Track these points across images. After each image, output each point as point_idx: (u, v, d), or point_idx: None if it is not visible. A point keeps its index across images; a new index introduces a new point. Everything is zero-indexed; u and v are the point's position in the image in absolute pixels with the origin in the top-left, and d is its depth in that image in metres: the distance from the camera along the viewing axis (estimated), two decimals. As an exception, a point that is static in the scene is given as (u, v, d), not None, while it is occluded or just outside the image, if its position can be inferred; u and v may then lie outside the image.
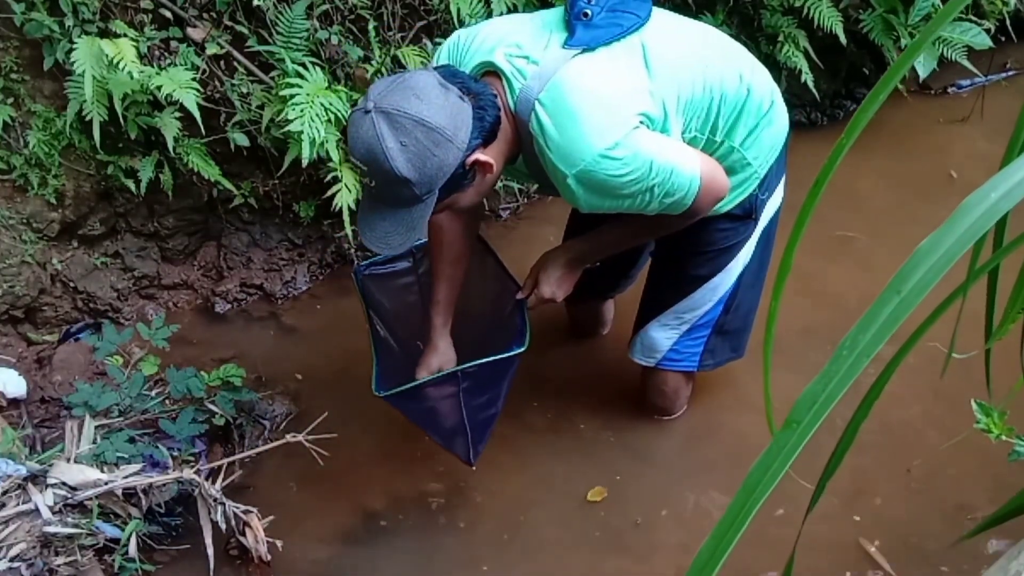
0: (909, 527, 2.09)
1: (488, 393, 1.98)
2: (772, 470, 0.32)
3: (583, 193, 1.65)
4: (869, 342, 0.34)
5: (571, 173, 1.62)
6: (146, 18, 2.42)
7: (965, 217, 0.38)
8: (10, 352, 2.56)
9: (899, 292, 0.35)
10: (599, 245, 1.99)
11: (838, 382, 0.33)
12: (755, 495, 0.31)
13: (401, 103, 1.51)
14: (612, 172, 1.61)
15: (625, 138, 1.60)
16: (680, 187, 1.68)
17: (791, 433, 0.33)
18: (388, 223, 1.60)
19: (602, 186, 1.64)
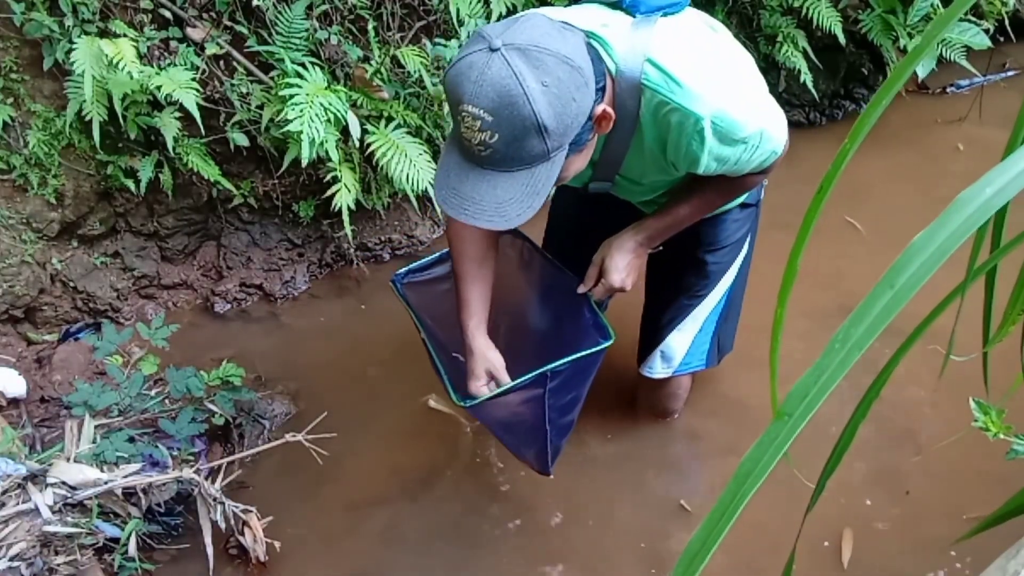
0: (907, 526, 2.09)
1: (571, 394, 1.81)
2: (763, 461, 0.32)
3: (713, 143, 1.47)
4: (862, 335, 0.34)
5: (707, 115, 1.43)
6: (146, 18, 2.42)
7: (959, 212, 0.38)
8: (10, 352, 2.56)
9: (892, 286, 0.35)
10: (671, 220, 1.77)
11: (830, 375, 0.33)
12: (746, 485, 0.32)
13: (537, 38, 1.28)
14: (740, 113, 1.46)
15: (740, 78, 1.54)
16: (779, 131, 1.57)
17: (783, 425, 0.33)
18: (503, 190, 1.33)
19: (731, 130, 1.46)
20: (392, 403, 2.54)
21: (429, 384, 2.57)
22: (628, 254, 1.78)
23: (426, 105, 2.83)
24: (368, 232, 3.09)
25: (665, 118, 1.47)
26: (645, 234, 1.79)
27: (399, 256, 3.14)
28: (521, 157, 1.31)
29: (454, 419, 2.48)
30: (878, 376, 0.70)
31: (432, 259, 1.98)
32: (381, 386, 2.61)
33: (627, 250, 1.78)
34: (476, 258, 1.83)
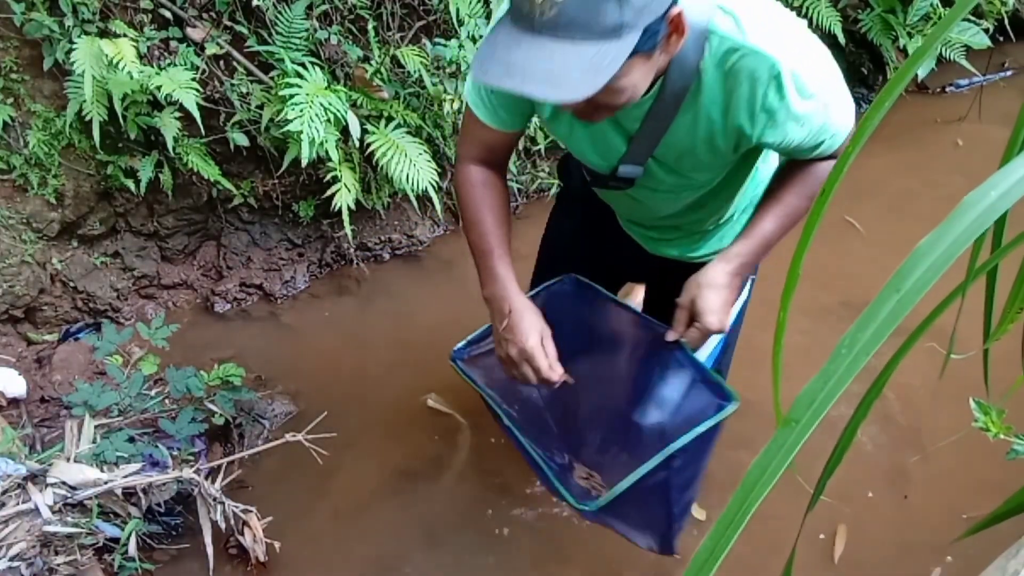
0: (907, 526, 2.10)
1: (692, 467, 1.54)
2: (771, 468, 0.32)
3: (794, 95, 1.29)
4: (868, 340, 0.34)
5: (785, 62, 1.25)
6: (146, 18, 2.42)
7: (964, 215, 0.39)
8: (10, 352, 2.56)
9: (898, 290, 0.35)
10: (760, 240, 1.51)
11: (837, 380, 0.33)
12: (754, 493, 0.32)
13: None
14: (817, 68, 1.31)
15: (812, 40, 1.36)
16: (850, 102, 1.42)
17: (790, 432, 0.33)
18: (561, 61, 1.13)
19: (809, 84, 1.29)
20: (392, 403, 2.54)
21: (428, 383, 2.57)
22: (723, 290, 1.50)
23: (426, 105, 2.83)
24: (368, 232, 3.09)
25: (735, 67, 1.27)
26: (737, 263, 1.51)
27: (399, 256, 3.14)
28: (590, 25, 1.11)
29: (453, 418, 2.48)
30: (879, 376, 0.70)
31: (488, 328, 1.63)
32: (381, 386, 2.61)
33: (720, 285, 1.50)
34: (495, 206, 1.59)
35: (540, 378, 1.47)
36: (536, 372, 1.47)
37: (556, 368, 1.47)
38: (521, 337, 1.47)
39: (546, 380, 1.46)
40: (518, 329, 1.47)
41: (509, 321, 1.48)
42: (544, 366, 1.46)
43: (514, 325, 1.47)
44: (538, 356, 1.46)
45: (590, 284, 1.67)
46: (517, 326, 1.47)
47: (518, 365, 1.47)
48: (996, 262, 0.65)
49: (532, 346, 1.45)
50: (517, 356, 1.48)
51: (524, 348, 1.46)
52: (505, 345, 1.50)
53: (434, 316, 2.88)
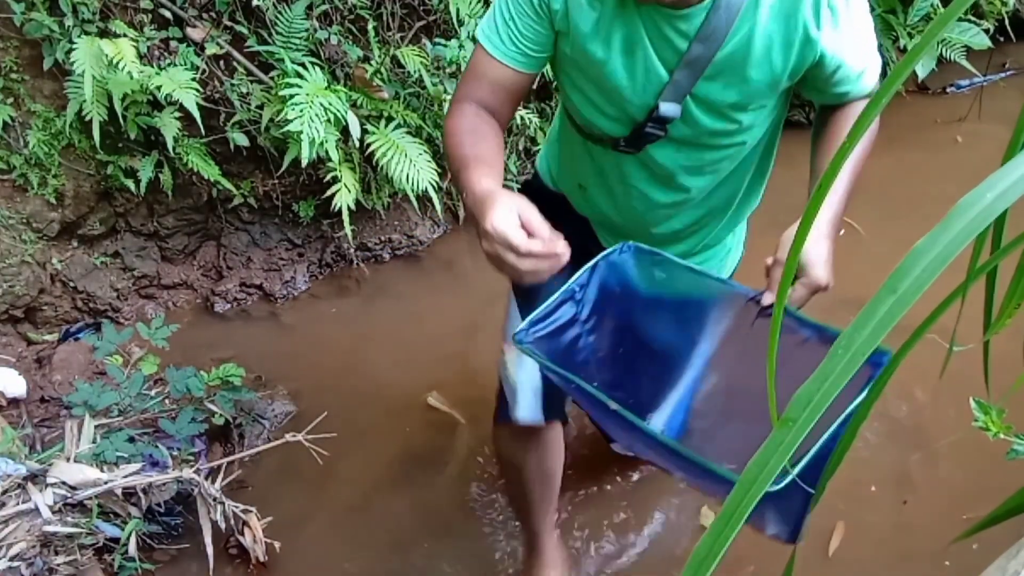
0: (907, 526, 2.10)
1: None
2: (769, 467, 0.33)
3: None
4: (865, 341, 0.34)
5: None
6: (146, 18, 2.42)
7: (961, 216, 0.39)
8: (10, 352, 2.56)
9: (895, 291, 0.35)
10: (846, 187, 1.40)
11: (833, 380, 0.33)
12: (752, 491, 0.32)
13: None
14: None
15: None
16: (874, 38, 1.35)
17: (787, 431, 0.33)
18: None
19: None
20: (392, 403, 2.54)
21: (429, 383, 2.57)
22: (826, 240, 1.34)
23: (426, 105, 2.83)
24: (368, 232, 3.09)
25: None
26: (831, 211, 1.38)
27: (399, 256, 3.14)
28: None
29: (453, 418, 2.48)
30: (879, 376, 0.70)
31: (553, 302, 1.38)
32: (381, 386, 2.61)
33: (822, 234, 1.34)
34: (485, 133, 1.36)
35: (528, 257, 1.08)
36: (516, 251, 1.08)
37: (542, 233, 1.09)
38: (490, 217, 1.10)
39: (538, 256, 1.08)
40: (490, 211, 1.12)
41: (484, 209, 1.15)
42: (519, 240, 1.07)
43: (487, 209, 1.14)
44: (510, 231, 1.07)
45: (653, 250, 1.43)
46: (490, 209, 1.13)
47: (502, 256, 1.09)
48: (995, 263, 0.65)
49: (499, 222, 1.08)
50: (493, 232, 1.09)
51: (495, 228, 1.08)
52: (486, 240, 1.14)
53: (434, 316, 2.88)
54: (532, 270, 1.07)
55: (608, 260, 1.43)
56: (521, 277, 1.09)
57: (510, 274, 1.09)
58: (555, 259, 1.07)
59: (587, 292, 1.42)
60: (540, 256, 1.06)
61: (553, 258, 1.06)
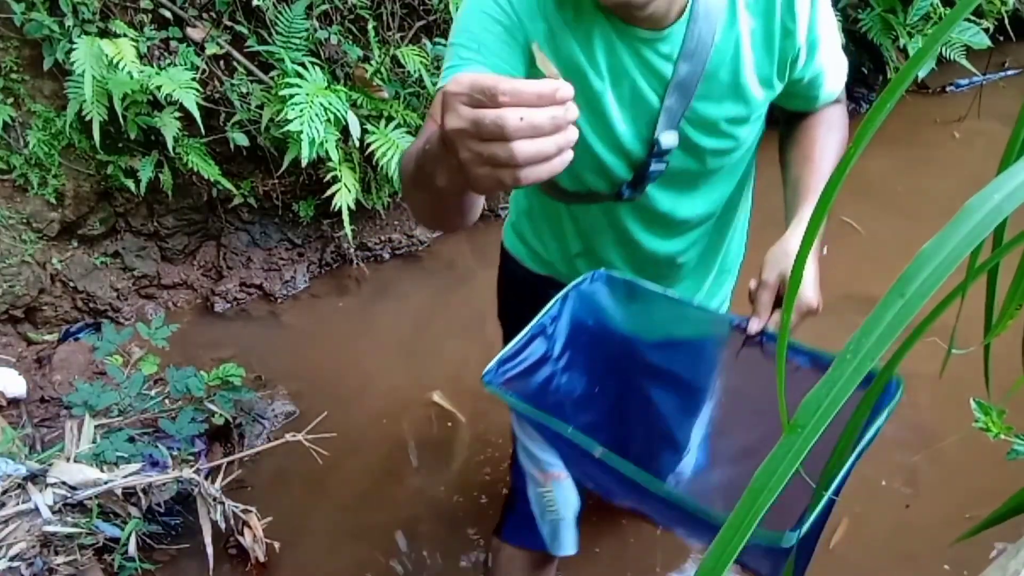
0: (908, 524, 2.10)
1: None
2: (778, 473, 0.32)
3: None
4: (873, 346, 0.34)
5: None
6: (146, 18, 2.42)
7: (969, 219, 0.38)
8: (10, 352, 2.56)
9: (903, 295, 0.35)
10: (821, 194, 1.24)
11: (842, 386, 0.33)
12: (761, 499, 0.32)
13: None
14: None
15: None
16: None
17: (796, 437, 0.33)
18: None
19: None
20: (392, 403, 2.54)
21: (428, 383, 2.57)
22: (812, 260, 1.24)
23: (426, 105, 2.83)
24: (368, 232, 3.09)
25: None
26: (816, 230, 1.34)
27: (399, 256, 3.14)
28: None
29: (454, 418, 2.48)
30: (878, 377, 0.70)
31: (523, 338, 1.26)
32: (381, 385, 2.61)
33: (810, 256, 1.17)
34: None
35: (521, 120, 0.67)
36: (499, 116, 0.68)
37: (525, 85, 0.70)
38: (445, 89, 0.72)
39: (538, 107, 0.67)
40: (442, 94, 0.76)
41: (437, 108, 0.94)
42: (501, 84, 0.68)
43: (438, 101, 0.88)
44: (480, 79, 0.68)
45: (625, 278, 1.33)
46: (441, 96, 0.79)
47: (481, 132, 0.68)
48: (996, 261, 0.65)
49: (459, 79, 0.70)
50: (454, 94, 0.70)
51: (456, 86, 0.69)
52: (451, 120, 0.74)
53: (434, 316, 2.88)
54: (537, 140, 0.66)
55: (579, 290, 1.32)
56: (520, 171, 0.67)
57: (505, 179, 0.68)
58: (564, 111, 0.67)
59: (558, 326, 1.30)
60: (541, 106, 0.66)
61: (561, 107, 0.66)
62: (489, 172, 0.67)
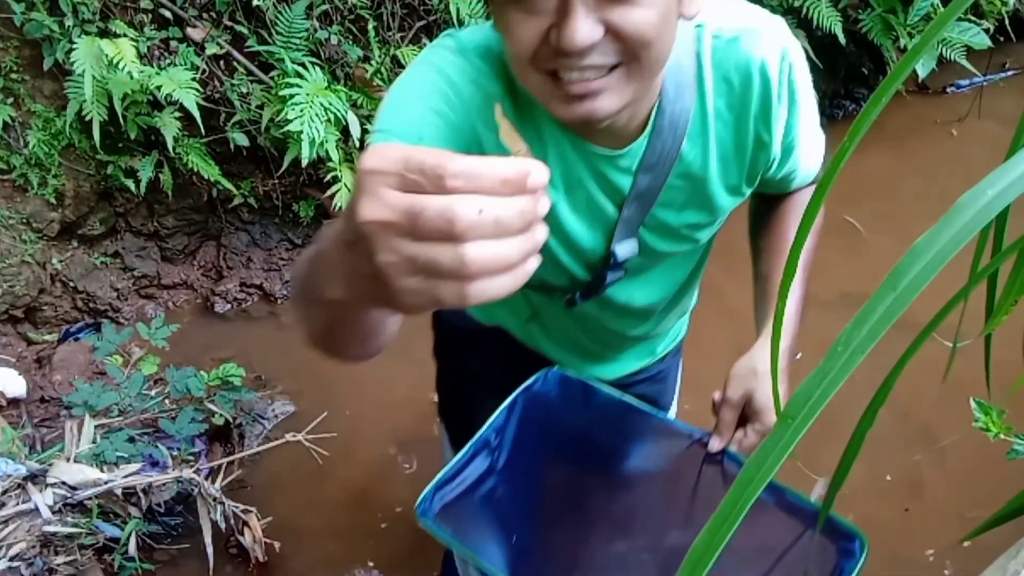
0: (909, 527, 2.09)
1: None
2: (767, 465, 0.33)
3: (805, 79, 1.07)
4: (864, 338, 0.34)
5: (784, 47, 1.02)
6: (146, 18, 2.42)
7: (961, 214, 0.39)
8: (10, 352, 2.56)
9: (895, 289, 0.35)
10: (800, 298, 1.23)
11: (833, 378, 0.33)
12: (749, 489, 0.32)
13: None
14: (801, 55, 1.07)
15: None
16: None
17: (786, 429, 0.33)
18: None
19: (805, 73, 1.06)
20: (392, 402, 2.54)
21: (429, 383, 2.57)
22: (783, 377, 1.15)
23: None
24: (368, 232, 3.09)
25: (741, 56, 1.01)
26: (785, 340, 1.18)
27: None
28: None
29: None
30: (883, 383, 0.70)
31: (464, 456, 1.18)
32: (381, 385, 2.61)
33: (781, 369, 1.14)
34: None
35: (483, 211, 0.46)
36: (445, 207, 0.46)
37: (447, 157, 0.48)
38: (362, 168, 0.52)
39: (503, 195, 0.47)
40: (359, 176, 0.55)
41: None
42: (430, 157, 0.47)
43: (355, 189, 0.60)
44: (414, 153, 0.48)
45: (581, 379, 1.25)
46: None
47: (415, 213, 0.46)
48: (996, 266, 0.65)
49: (385, 150, 0.50)
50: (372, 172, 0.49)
51: (387, 163, 0.48)
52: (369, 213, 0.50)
53: (434, 316, 2.88)
54: (498, 243, 0.46)
55: (529, 393, 1.23)
56: (470, 284, 0.47)
57: (446, 295, 0.48)
58: (535, 204, 0.47)
59: (504, 436, 1.19)
60: (506, 195, 0.46)
61: (531, 198, 0.47)
62: (422, 285, 0.47)
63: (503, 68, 0.98)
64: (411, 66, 1.01)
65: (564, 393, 1.27)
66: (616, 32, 0.82)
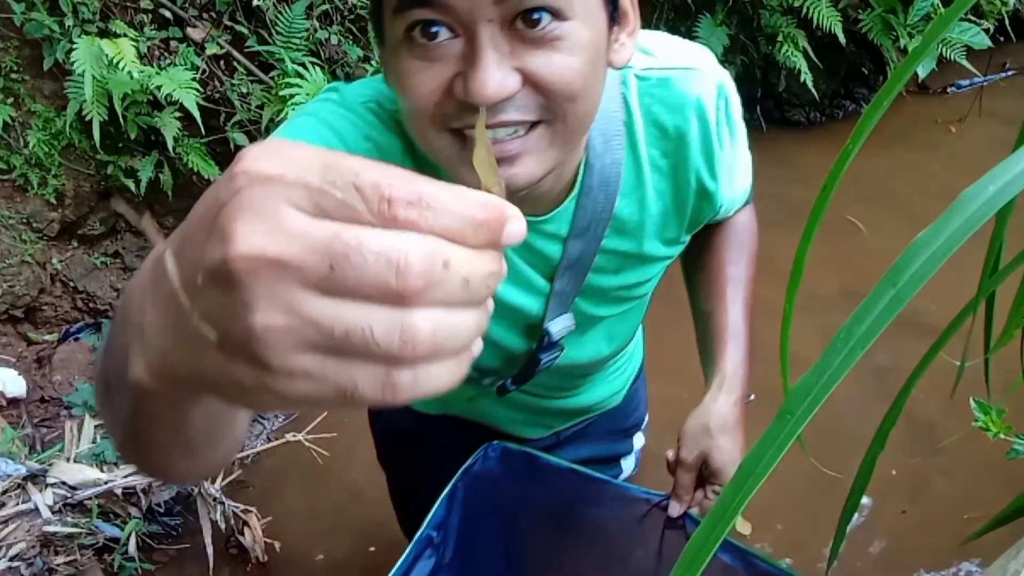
0: (909, 528, 2.09)
1: None
2: (765, 460, 0.32)
3: (738, 114, 0.98)
4: (864, 334, 0.34)
5: (719, 82, 0.92)
6: (146, 18, 2.42)
7: (961, 211, 0.39)
8: (10, 352, 2.56)
9: (895, 284, 0.35)
10: (748, 336, 1.15)
11: (833, 373, 0.33)
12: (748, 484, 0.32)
13: None
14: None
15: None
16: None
17: (785, 423, 0.33)
18: None
19: (736, 112, 0.97)
20: (392, 403, 2.54)
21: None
22: (738, 429, 1.11)
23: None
24: (368, 232, 3.09)
25: (675, 96, 0.91)
26: (739, 384, 1.12)
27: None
28: None
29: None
30: (897, 397, 0.70)
31: (406, 561, 1.07)
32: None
33: (734, 423, 1.10)
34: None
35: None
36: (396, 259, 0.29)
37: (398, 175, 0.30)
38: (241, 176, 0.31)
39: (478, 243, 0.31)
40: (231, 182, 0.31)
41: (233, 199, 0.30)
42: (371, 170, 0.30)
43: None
44: (343, 160, 0.30)
45: (526, 451, 1.17)
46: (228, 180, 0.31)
47: (339, 254, 0.29)
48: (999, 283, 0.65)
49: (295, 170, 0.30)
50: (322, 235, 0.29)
51: (292, 168, 0.30)
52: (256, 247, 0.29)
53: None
54: (455, 313, 0.31)
55: (470, 475, 1.14)
56: (412, 370, 0.31)
57: (363, 386, 0.31)
58: (500, 262, 0.33)
59: (448, 527, 1.11)
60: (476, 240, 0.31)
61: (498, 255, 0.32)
62: (322, 368, 0.30)
63: (399, 127, 0.85)
64: (289, 119, 0.87)
65: (507, 468, 1.17)
66: (536, 83, 0.69)
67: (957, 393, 1.07)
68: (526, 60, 0.68)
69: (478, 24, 0.66)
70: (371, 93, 0.87)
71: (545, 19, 0.67)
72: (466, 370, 0.33)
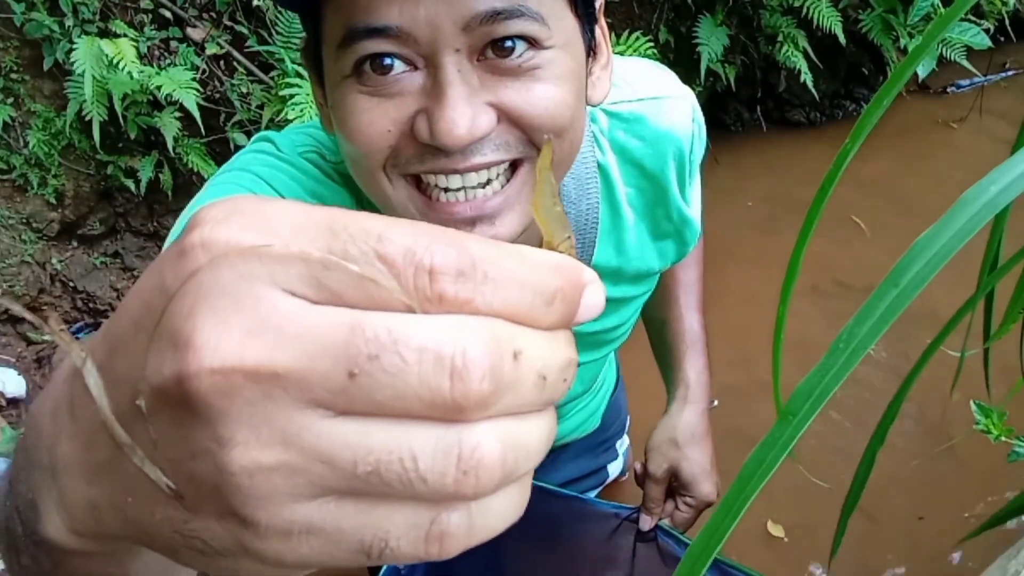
0: (909, 528, 2.09)
1: None
2: (767, 463, 0.32)
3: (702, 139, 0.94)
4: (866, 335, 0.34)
5: (691, 106, 0.88)
6: (146, 18, 2.42)
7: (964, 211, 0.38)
8: (10, 352, 2.56)
9: (896, 285, 0.35)
10: (705, 343, 1.14)
11: (834, 375, 0.33)
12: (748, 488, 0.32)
13: None
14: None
15: None
16: None
17: (787, 425, 0.33)
18: None
19: (704, 132, 0.94)
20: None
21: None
22: (707, 440, 1.08)
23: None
24: (368, 232, 3.09)
25: (650, 132, 0.85)
26: (702, 394, 1.10)
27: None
28: None
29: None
30: (895, 396, 0.70)
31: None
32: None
33: (702, 434, 1.07)
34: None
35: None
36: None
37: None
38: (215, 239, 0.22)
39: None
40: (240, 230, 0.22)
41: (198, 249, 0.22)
42: (396, 230, 0.21)
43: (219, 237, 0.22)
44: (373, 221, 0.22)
45: None
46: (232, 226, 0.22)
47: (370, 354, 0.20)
48: (998, 279, 0.65)
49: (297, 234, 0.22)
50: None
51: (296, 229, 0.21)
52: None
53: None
54: (526, 420, 0.23)
55: None
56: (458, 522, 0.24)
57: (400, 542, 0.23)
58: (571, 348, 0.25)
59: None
60: (551, 319, 0.23)
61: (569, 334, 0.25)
62: (352, 521, 0.22)
63: (346, 180, 0.74)
64: (214, 178, 0.77)
65: None
66: (515, 118, 0.60)
67: (957, 394, 1.07)
68: (500, 93, 0.59)
69: (442, 55, 0.56)
70: (311, 142, 0.79)
71: (520, 47, 0.58)
72: (527, 498, 0.24)
